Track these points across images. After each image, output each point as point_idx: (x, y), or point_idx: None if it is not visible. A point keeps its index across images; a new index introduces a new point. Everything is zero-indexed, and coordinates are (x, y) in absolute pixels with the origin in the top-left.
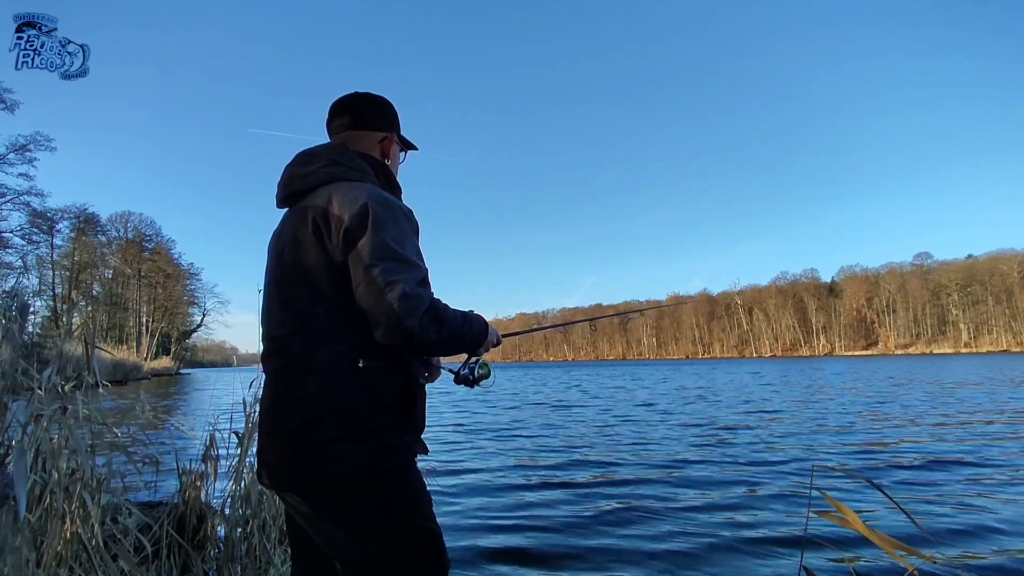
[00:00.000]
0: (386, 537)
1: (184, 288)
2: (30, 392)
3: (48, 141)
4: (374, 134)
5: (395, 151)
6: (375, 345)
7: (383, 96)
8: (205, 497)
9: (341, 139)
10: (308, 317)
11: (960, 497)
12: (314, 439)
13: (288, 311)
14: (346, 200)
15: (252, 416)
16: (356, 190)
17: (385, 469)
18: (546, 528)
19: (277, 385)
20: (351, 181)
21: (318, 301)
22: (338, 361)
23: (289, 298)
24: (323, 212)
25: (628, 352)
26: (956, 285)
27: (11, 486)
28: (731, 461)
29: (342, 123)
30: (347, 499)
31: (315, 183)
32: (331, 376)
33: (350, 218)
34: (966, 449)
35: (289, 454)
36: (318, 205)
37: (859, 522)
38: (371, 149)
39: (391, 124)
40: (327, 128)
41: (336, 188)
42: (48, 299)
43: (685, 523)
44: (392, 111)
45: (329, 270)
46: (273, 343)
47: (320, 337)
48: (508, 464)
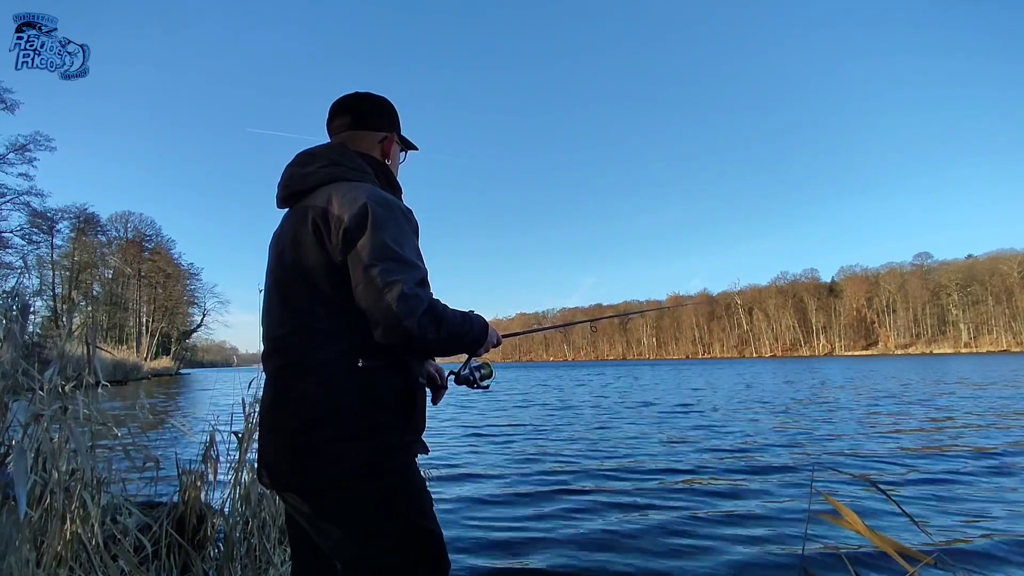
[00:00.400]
0: (386, 537)
1: (184, 288)
2: (31, 392)
3: (48, 141)
4: (374, 134)
5: (395, 151)
6: (375, 345)
7: (383, 96)
8: (205, 497)
9: (341, 139)
10: (308, 317)
11: (963, 497)
12: (314, 439)
13: (288, 311)
14: (346, 200)
15: (252, 416)
16: (356, 190)
17: (385, 469)
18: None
19: (277, 385)
20: (351, 181)
21: (318, 301)
22: (338, 361)
23: (289, 298)
24: (323, 212)
25: (628, 352)
26: (956, 285)
27: (11, 486)
28: (731, 461)
29: (342, 123)
30: (347, 499)
31: (315, 183)
32: (331, 376)
33: (349, 218)
34: (971, 450)
35: (289, 454)
36: (318, 205)
37: (859, 523)
38: (371, 149)
39: (391, 124)
40: (327, 128)
41: (336, 188)
42: (48, 299)
43: (685, 523)
44: (392, 111)
45: (329, 270)
46: (273, 343)
47: (320, 337)
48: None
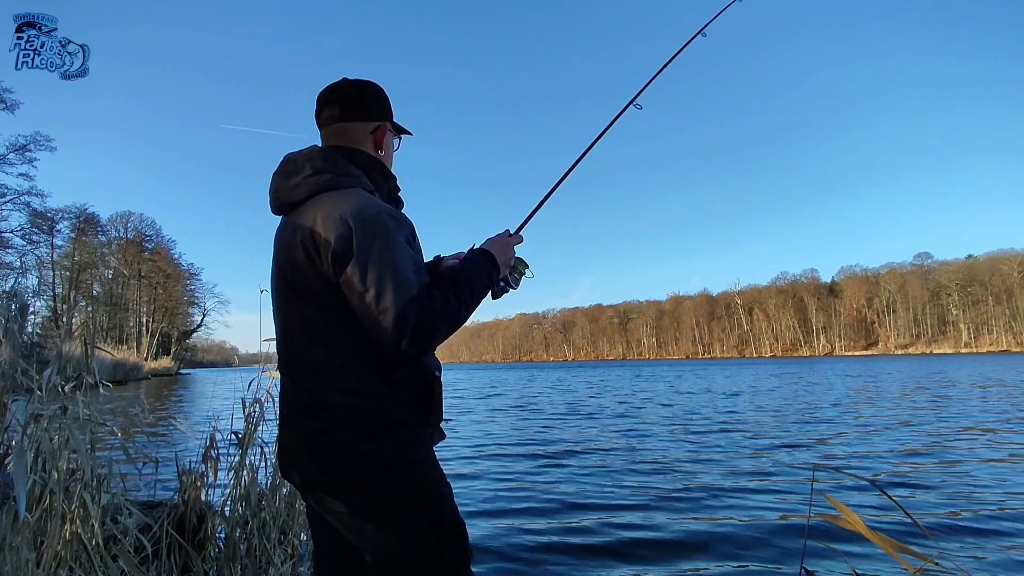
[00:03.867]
0: (414, 529)
1: (184, 288)
2: (30, 392)
3: (48, 141)
4: (366, 124)
5: (388, 140)
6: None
7: (373, 81)
8: (205, 497)
9: (331, 132)
10: (320, 325)
11: (965, 498)
12: (341, 439)
13: (295, 318)
14: (330, 220)
15: (252, 416)
16: (342, 206)
17: (410, 462)
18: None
19: (298, 389)
20: (340, 190)
21: (324, 310)
22: (355, 363)
23: (296, 306)
24: (310, 234)
25: (628, 352)
26: (956, 285)
27: (11, 486)
28: (731, 461)
29: (331, 115)
30: (377, 494)
31: (303, 195)
32: (350, 378)
33: (335, 240)
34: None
35: (318, 455)
36: (305, 226)
37: (860, 523)
38: (363, 141)
39: (383, 112)
40: (316, 120)
41: (323, 205)
42: (48, 299)
43: (684, 523)
44: (383, 97)
45: (328, 286)
46: (290, 348)
47: (335, 343)
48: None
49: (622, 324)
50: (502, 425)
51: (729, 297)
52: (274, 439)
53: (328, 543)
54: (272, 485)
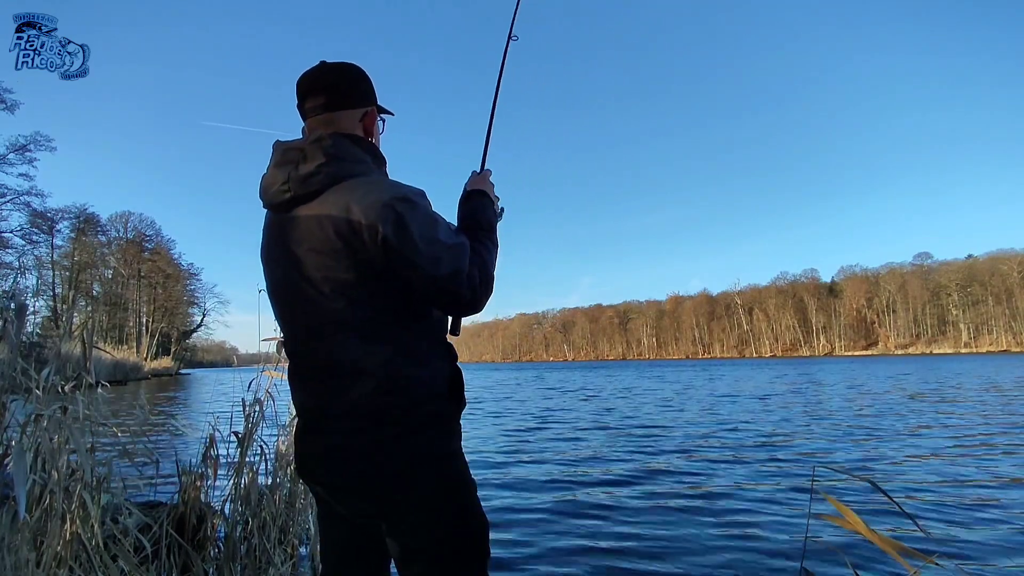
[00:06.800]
0: (445, 522)
1: (184, 288)
2: (29, 392)
3: (48, 141)
4: (354, 112)
5: (377, 125)
6: (419, 340)
7: (354, 63)
8: (205, 497)
9: (319, 122)
10: (354, 320)
11: (964, 497)
12: (381, 436)
13: (319, 318)
14: (369, 206)
15: (252, 416)
16: (374, 192)
17: (446, 455)
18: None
19: (327, 391)
20: (358, 177)
21: (358, 304)
22: (393, 357)
23: (325, 303)
24: (346, 222)
25: (628, 352)
26: (956, 285)
27: (11, 486)
28: (731, 461)
29: (316, 104)
30: (415, 490)
31: (320, 185)
32: (389, 373)
33: (384, 225)
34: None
35: (354, 455)
36: (335, 215)
37: (860, 523)
38: (353, 129)
39: (369, 96)
40: (299, 110)
41: (350, 192)
42: (48, 299)
43: (684, 522)
44: (367, 80)
45: (363, 277)
46: (313, 352)
47: (372, 337)
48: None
49: (622, 324)
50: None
51: (729, 297)
52: (274, 439)
53: (343, 544)
54: (272, 485)
